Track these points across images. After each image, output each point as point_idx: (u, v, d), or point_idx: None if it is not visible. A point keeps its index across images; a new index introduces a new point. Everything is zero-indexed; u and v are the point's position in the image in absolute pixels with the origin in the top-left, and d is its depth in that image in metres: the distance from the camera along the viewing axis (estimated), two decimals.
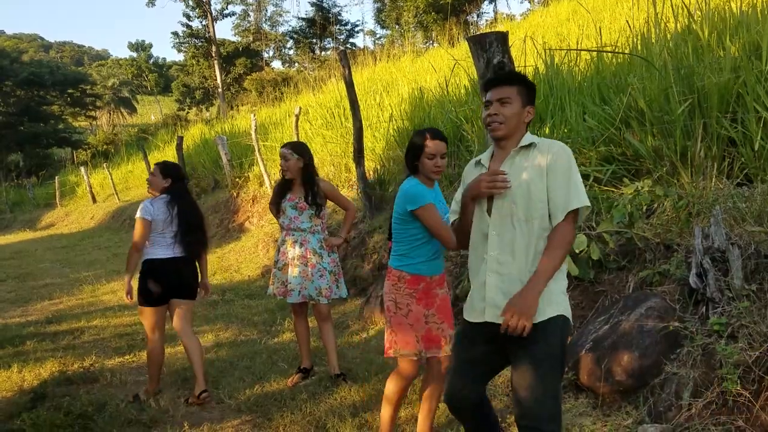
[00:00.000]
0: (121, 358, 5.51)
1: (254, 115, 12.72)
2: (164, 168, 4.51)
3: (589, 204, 2.34)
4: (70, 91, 47.66)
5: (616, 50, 6.71)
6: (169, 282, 4.36)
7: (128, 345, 5.83)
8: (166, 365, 5.11)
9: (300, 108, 11.08)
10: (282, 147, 4.48)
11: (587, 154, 5.13)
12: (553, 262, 2.28)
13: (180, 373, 4.92)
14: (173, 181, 4.47)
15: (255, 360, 5.09)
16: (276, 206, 4.53)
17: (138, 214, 4.30)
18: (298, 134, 10.79)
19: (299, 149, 4.45)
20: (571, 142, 5.29)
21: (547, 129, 5.95)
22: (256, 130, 12.04)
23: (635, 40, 6.42)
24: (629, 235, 4.14)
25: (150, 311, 4.37)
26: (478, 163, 2.56)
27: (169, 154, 19.66)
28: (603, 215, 4.41)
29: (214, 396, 4.40)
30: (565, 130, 5.76)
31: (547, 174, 2.32)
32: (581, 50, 7.15)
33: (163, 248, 4.35)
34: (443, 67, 10.71)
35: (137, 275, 4.39)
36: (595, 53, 6.71)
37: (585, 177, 4.94)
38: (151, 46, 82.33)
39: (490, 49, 4.74)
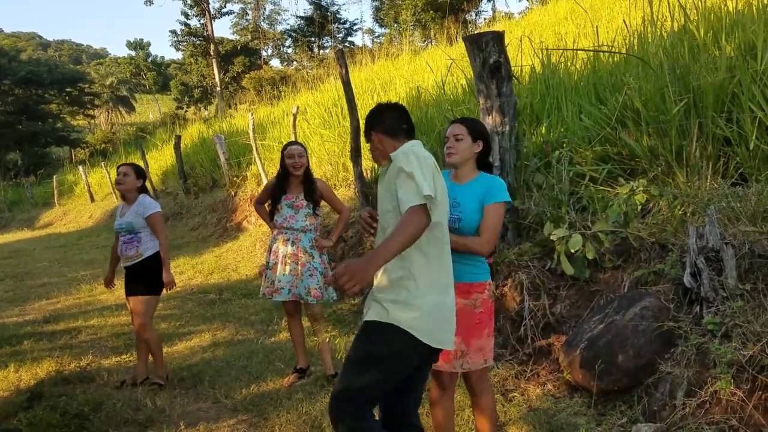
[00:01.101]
0: (117, 357, 5.51)
1: (252, 114, 12.73)
2: (138, 169, 4.76)
3: (415, 203, 2.26)
4: (68, 89, 47.60)
5: (613, 50, 6.71)
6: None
7: (125, 344, 5.84)
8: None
9: (297, 107, 11.08)
10: (295, 145, 4.51)
11: (583, 154, 5.14)
12: (388, 242, 2.21)
13: (177, 373, 4.92)
14: (143, 182, 4.77)
15: (251, 359, 5.10)
16: (273, 205, 4.55)
17: (158, 209, 4.65)
18: (295, 133, 10.80)
19: (306, 149, 4.56)
20: (567, 142, 5.30)
21: (544, 128, 5.96)
22: (254, 129, 12.05)
23: (632, 39, 6.42)
24: (624, 234, 4.15)
25: (156, 300, 4.68)
26: None
27: (167, 153, 19.68)
28: (598, 215, 4.42)
29: (211, 395, 4.41)
30: (562, 130, 5.77)
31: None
32: (578, 50, 7.16)
33: (156, 243, 4.68)
34: (441, 66, 10.71)
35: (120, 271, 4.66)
36: (591, 52, 6.72)
37: (581, 176, 4.95)
38: (149, 44, 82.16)
39: (486, 49, 4.75)
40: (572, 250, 4.12)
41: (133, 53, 78.53)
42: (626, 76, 5.44)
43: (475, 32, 5.74)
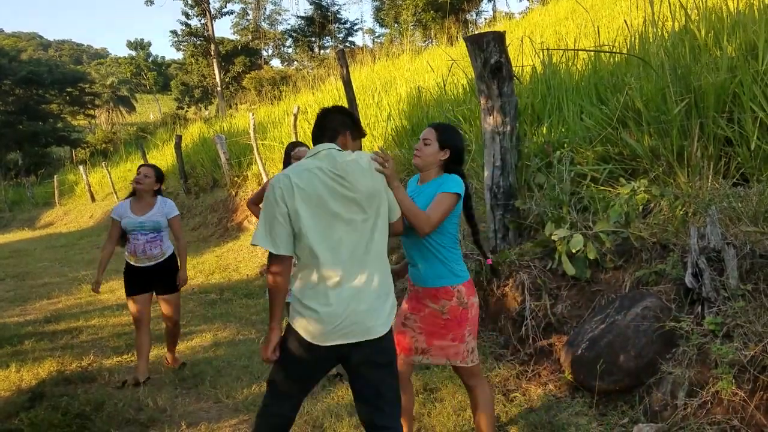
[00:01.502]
0: (119, 357, 5.52)
1: (253, 114, 12.72)
2: (159, 172, 4.90)
3: (255, 243, 2.52)
4: (68, 89, 47.57)
5: (614, 50, 6.72)
6: None
7: (126, 344, 5.84)
8: (163, 365, 5.14)
9: (298, 107, 11.08)
10: (303, 146, 4.57)
11: (584, 154, 5.14)
12: (270, 311, 2.66)
13: (178, 373, 4.93)
14: (161, 185, 4.93)
15: (253, 359, 5.09)
16: None
17: (177, 211, 4.90)
18: (296, 133, 10.80)
19: None
20: (568, 142, 5.30)
21: (545, 129, 5.96)
22: (254, 129, 12.04)
23: (633, 39, 6.43)
24: (626, 234, 4.15)
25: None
26: None
27: (168, 153, 19.68)
28: (599, 215, 4.42)
29: (212, 395, 4.41)
30: (563, 130, 5.77)
31: None
32: (579, 50, 7.16)
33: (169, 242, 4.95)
34: (441, 66, 10.71)
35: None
36: (592, 53, 6.72)
37: (582, 176, 4.96)
38: (150, 44, 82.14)
39: (488, 49, 4.75)
40: (573, 251, 4.13)
41: (133, 53, 78.51)
42: (627, 77, 5.45)
43: (476, 32, 5.76)
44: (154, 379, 4.83)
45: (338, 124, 2.71)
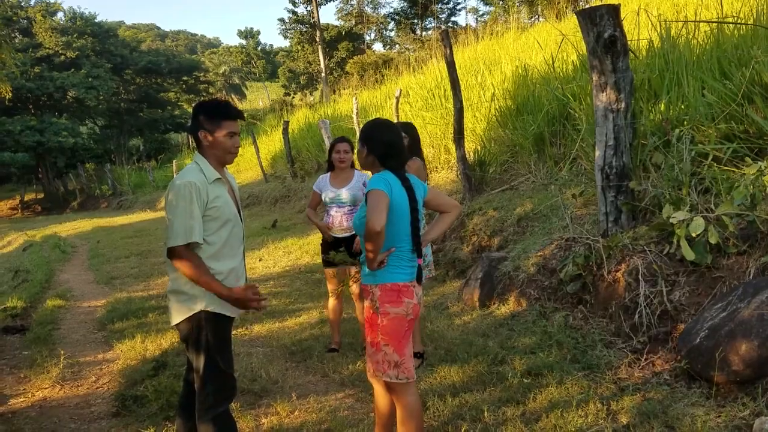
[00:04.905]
0: (234, 331, 5.78)
1: (356, 99, 12.90)
2: (352, 144, 4.89)
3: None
4: (184, 78, 50.23)
5: (738, 21, 6.24)
6: None
7: (240, 319, 6.12)
8: (275, 339, 5.35)
9: (400, 90, 11.12)
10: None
11: (706, 132, 4.83)
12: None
13: (288, 347, 5.13)
14: None
15: (357, 336, 5.20)
16: None
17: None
18: (398, 116, 10.86)
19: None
20: (688, 119, 5.00)
21: (663, 105, 5.65)
22: (357, 113, 12.21)
23: (760, 9, 5.95)
24: (751, 218, 3.87)
25: None
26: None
27: (276, 138, 20.38)
28: (722, 197, 4.15)
29: (320, 369, 4.57)
30: (683, 107, 5.45)
31: None
32: (699, 21, 6.70)
33: None
34: (549, 42, 10.38)
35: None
36: (714, 24, 6.27)
37: (703, 156, 4.67)
38: (259, 33, 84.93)
39: (601, 23, 4.55)
40: (693, 234, 3.90)
41: (243, 42, 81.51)
42: (754, 49, 5.05)
43: (588, 6, 5.54)
44: (266, 352, 5.06)
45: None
